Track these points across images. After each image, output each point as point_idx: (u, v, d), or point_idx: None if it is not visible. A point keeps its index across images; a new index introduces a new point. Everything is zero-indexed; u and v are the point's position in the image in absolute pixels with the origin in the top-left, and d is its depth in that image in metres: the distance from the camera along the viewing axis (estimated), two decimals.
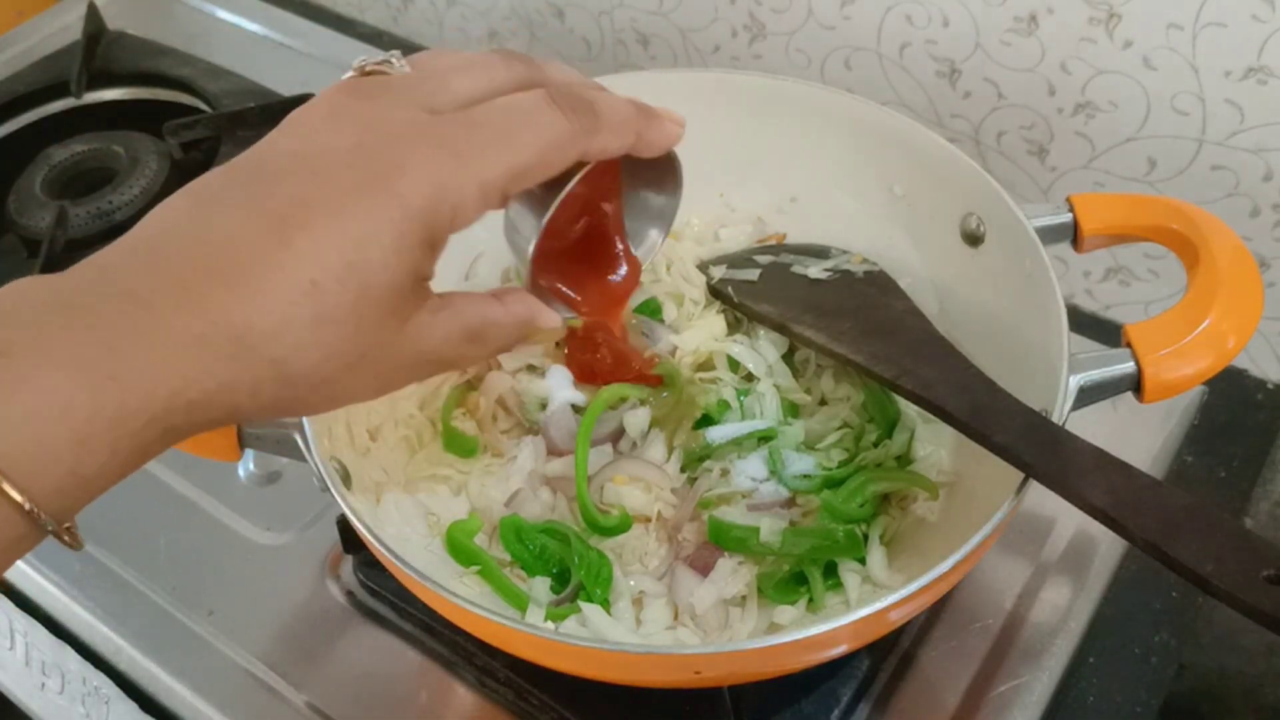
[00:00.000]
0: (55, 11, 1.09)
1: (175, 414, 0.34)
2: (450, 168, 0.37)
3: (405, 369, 0.41)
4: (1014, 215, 0.56)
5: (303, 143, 0.38)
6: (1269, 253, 0.73)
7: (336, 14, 1.10)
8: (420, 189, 0.37)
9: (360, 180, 0.36)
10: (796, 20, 0.82)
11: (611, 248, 0.53)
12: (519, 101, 0.40)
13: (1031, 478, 0.47)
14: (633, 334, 0.64)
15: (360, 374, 0.38)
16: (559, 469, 0.60)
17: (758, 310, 0.62)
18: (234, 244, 0.35)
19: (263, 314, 0.35)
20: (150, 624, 0.63)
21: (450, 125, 0.39)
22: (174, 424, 0.35)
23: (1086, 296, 0.82)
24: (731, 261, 0.66)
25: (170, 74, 0.97)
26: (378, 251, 0.36)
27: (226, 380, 0.35)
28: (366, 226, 0.36)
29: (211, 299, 0.34)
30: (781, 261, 0.65)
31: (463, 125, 0.39)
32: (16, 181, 0.87)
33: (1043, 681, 0.57)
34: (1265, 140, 0.68)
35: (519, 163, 0.39)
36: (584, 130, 0.41)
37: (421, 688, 0.59)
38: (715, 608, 0.55)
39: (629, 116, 0.43)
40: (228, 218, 0.36)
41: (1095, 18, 0.69)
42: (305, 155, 0.37)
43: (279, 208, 0.36)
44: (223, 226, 0.36)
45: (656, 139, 0.45)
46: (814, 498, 0.58)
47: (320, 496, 0.52)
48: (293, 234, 0.35)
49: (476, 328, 0.42)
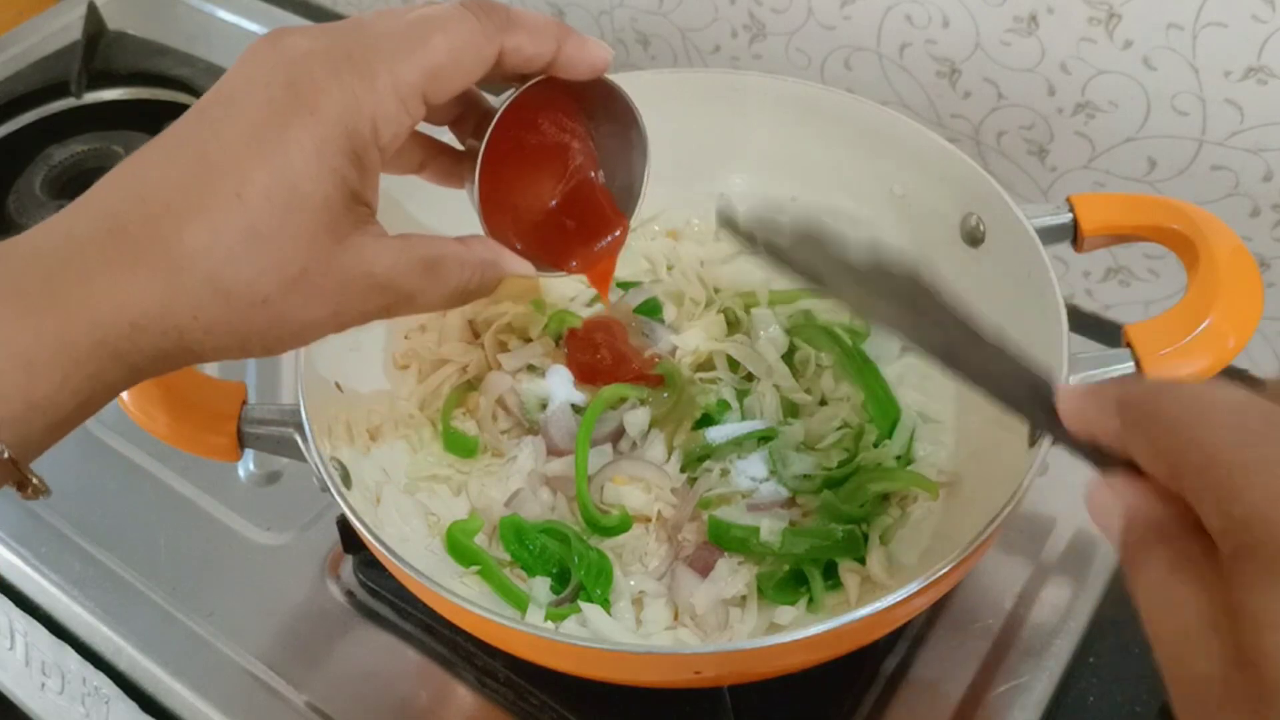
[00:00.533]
0: (55, 11, 1.09)
1: (120, 338, 0.36)
2: (361, 79, 0.38)
3: (356, 295, 0.40)
4: (1014, 215, 0.56)
5: (225, 86, 0.40)
6: (1269, 253, 0.73)
7: (336, 14, 1.10)
8: (335, 101, 0.38)
9: (277, 103, 0.38)
10: (796, 20, 0.82)
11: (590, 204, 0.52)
12: (430, 10, 0.41)
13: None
14: (632, 334, 0.64)
15: (303, 294, 0.39)
16: (559, 469, 0.60)
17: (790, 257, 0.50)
18: (166, 180, 0.37)
19: (194, 232, 0.36)
20: (150, 624, 0.63)
21: (361, 43, 0.39)
22: (121, 349, 0.36)
23: (1086, 296, 0.82)
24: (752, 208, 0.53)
25: (170, 74, 0.97)
26: (299, 161, 0.37)
27: (166, 300, 0.36)
28: (286, 141, 0.37)
29: (145, 228, 0.36)
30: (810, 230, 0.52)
31: (372, 39, 0.40)
32: (16, 181, 0.87)
33: (1043, 681, 0.57)
34: (1265, 140, 0.68)
35: (431, 63, 0.40)
36: (496, 27, 0.41)
37: (421, 688, 0.59)
38: (715, 608, 0.55)
39: (547, 23, 0.43)
40: (159, 162, 0.38)
41: (1095, 18, 0.69)
42: (226, 96, 0.39)
43: (204, 142, 0.38)
44: (154, 169, 0.38)
45: (578, 55, 0.44)
46: (814, 498, 0.58)
47: (320, 496, 0.52)
48: (217, 160, 0.37)
49: (431, 258, 0.42)
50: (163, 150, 0.38)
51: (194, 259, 0.36)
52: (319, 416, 0.53)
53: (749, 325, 0.65)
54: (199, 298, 0.37)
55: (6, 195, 0.86)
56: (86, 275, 0.35)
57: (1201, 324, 0.51)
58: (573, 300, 0.67)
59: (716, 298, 0.67)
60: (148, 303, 0.36)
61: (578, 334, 0.63)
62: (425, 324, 0.65)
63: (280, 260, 0.37)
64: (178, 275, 0.36)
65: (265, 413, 0.54)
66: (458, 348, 0.65)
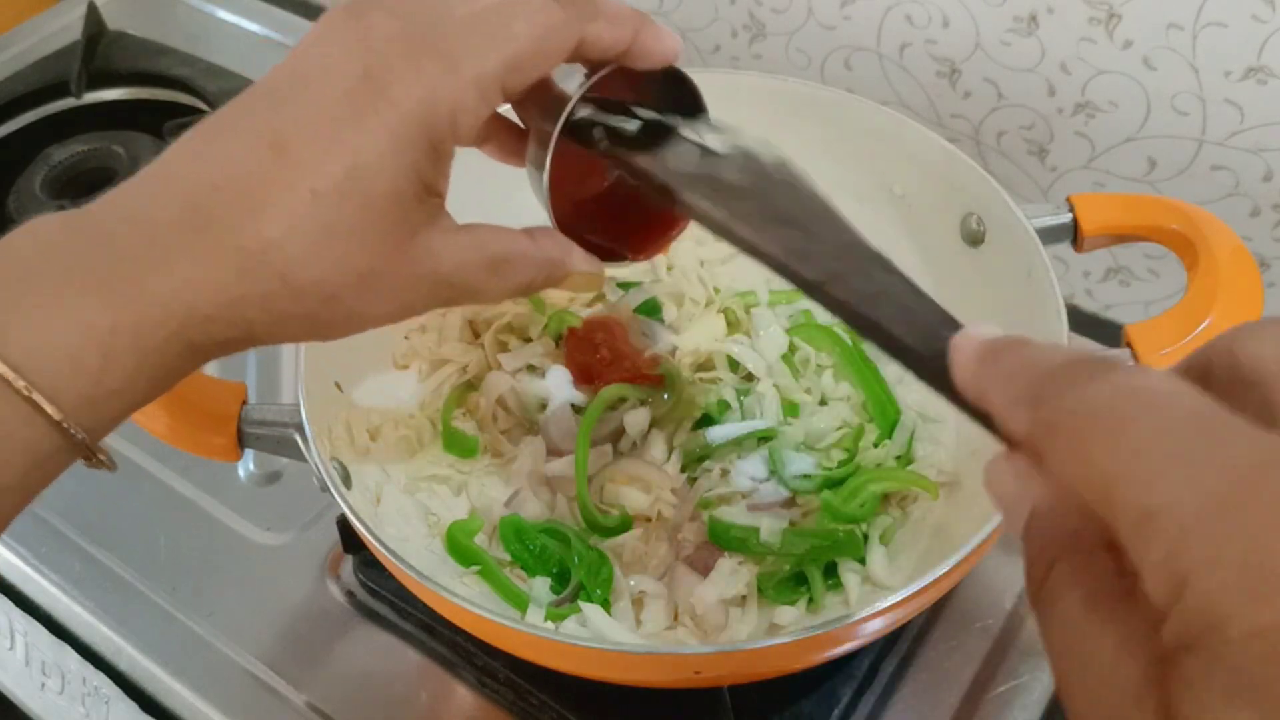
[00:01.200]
0: (55, 11, 1.09)
1: (192, 329, 0.36)
2: (442, 69, 0.37)
3: (422, 291, 0.40)
4: (1014, 215, 0.56)
5: (299, 64, 0.39)
6: (1269, 253, 0.73)
7: None
8: (413, 93, 0.37)
9: (353, 92, 0.37)
10: (796, 20, 0.82)
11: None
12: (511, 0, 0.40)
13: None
14: (632, 334, 0.64)
15: (373, 290, 0.38)
16: (559, 469, 0.60)
17: (635, 163, 0.47)
18: (238, 166, 0.36)
19: (268, 226, 0.36)
20: (150, 624, 0.63)
21: (441, 28, 0.38)
22: (193, 339, 0.36)
23: (1086, 296, 0.82)
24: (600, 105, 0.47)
25: (170, 74, 0.97)
26: (374, 157, 0.36)
27: (238, 294, 0.36)
28: (362, 135, 0.36)
29: (219, 217, 0.36)
30: (666, 123, 0.49)
31: (453, 26, 0.39)
32: (16, 181, 0.87)
33: (1043, 681, 0.57)
34: (1265, 140, 0.68)
35: (513, 52, 0.38)
36: (578, 15, 0.40)
37: (421, 688, 0.59)
38: (715, 608, 0.55)
39: (626, 11, 0.42)
40: (232, 143, 0.37)
41: (1095, 18, 0.69)
42: (302, 77, 0.38)
43: (278, 128, 0.37)
44: (227, 151, 0.37)
45: (653, 45, 0.44)
46: (814, 498, 0.57)
47: (320, 496, 0.52)
48: (292, 149, 0.36)
49: (499, 257, 0.42)
50: (235, 130, 0.38)
51: (267, 254, 0.36)
52: (319, 416, 0.53)
53: (749, 325, 0.65)
54: (270, 292, 0.36)
55: (6, 195, 0.86)
56: (164, 265, 0.35)
57: (1201, 324, 0.51)
58: (573, 300, 0.67)
59: (716, 298, 0.67)
60: (222, 296, 0.36)
61: (577, 334, 0.63)
62: (425, 324, 0.65)
63: (351, 258, 0.37)
64: (252, 269, 0.36)
65: (265, 413, 0.53)
66: (458, 348, 0.65)
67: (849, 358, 0.63)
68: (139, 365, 0.35)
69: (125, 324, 0.34)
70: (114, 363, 0.35)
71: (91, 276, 0.34)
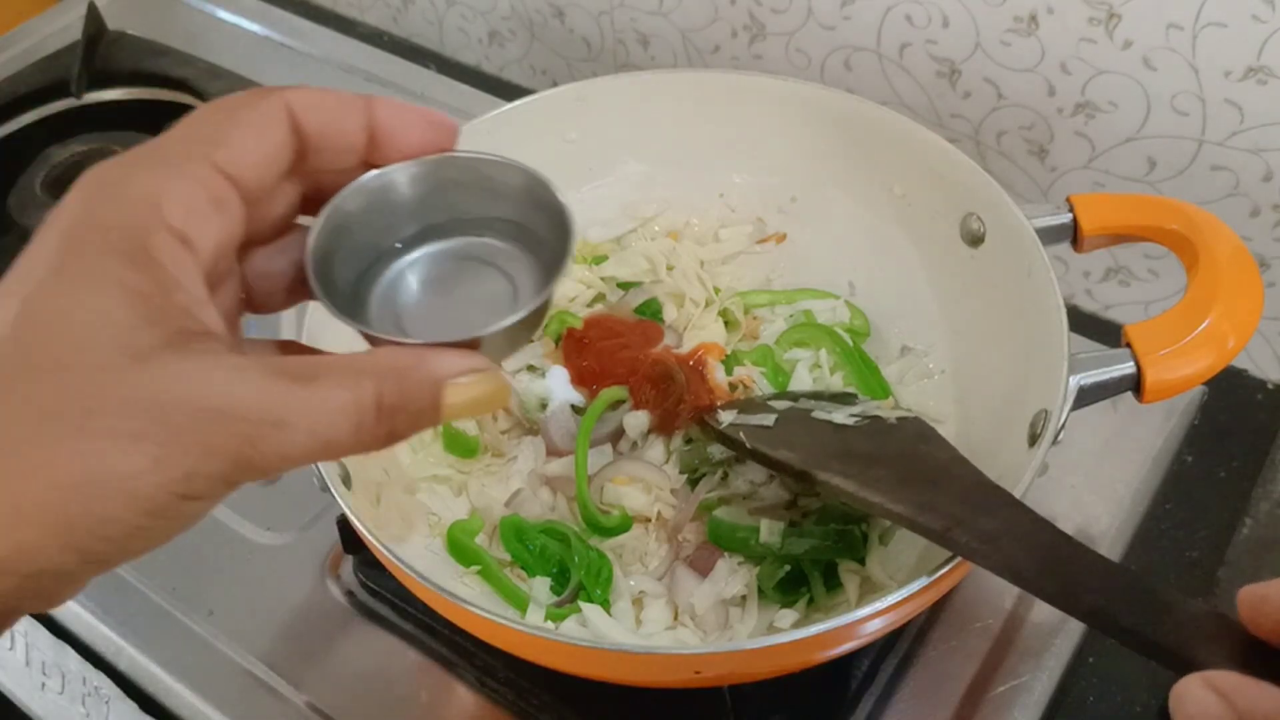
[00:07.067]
0: (55, 11, 1.09)
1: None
2: (123, 172, 0.32)
3: (185, 429, 0.29)
4: (1014, 215, 0.56)
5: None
6: (1269, 253, 0.73)
7: (336, 14, 1.10)
8: (80, 208, 0.33)
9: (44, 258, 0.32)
10: (796, 20, 0.82)
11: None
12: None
13: (1134, 649, 0.38)
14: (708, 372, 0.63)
15: (97, 437, 0.29)
16: (559, 469, 0.60)
17: (775, 456, 0.52)
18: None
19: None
20: (150, 624, 0.63)
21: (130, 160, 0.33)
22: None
23: (1086, 296, 0.82)
24: (743, 407, 0.58)
25: (170, 74, 0.97)
26: (38, 291, 0.31)
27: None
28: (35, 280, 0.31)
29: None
30: (801, 408, 0.57)
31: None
32: (17, 181, 0.87)
33: (1043, 681, 0.57)
34: (1265, 140, 0.68)
35: (211, 127, 0.33)
36: (280, 88, 0.34)
37: (421, 688, 0.59)
38: (715, 608, 0.55)
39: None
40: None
41: (1095, 18, 0.69)
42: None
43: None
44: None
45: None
46: (814, 498, 0.57)
47: (320, 496, 0.52)
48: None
49: (299, 370, 0.31)
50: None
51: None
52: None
53: (749, 325, 0.65)
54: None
55: (6, 195, 0.86)
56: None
57: (1201, 324, 0.51)
58: (573, 300, 0.67)
59: (716, 298, 0.67)
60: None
61: (577, 334, 0.63)
62: None
63: (48, 403, 0.28)
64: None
65: None
66: None
67: (849, 358, 0.63)
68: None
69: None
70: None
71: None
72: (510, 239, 0.38)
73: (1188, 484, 0.66)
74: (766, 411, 0.56)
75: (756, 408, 0.57)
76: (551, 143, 0.68)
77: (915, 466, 0.49)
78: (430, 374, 0.32)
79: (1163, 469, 0.66)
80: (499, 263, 0.38)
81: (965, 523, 0.43)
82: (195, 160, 0.32)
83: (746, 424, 0.56)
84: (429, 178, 0.37)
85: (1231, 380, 0.70)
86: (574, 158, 0.69)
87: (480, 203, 0.38)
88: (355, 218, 0.36)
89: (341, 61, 1.00)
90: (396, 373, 0.32)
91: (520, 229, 0.38)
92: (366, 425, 0.31)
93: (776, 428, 0.55)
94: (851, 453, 0.51)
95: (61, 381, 0.28)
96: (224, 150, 0.32)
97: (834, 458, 0.51)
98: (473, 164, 0.37)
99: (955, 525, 0.43)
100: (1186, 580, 0.62)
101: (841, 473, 0.49)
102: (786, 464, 0.52)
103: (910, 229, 0.65)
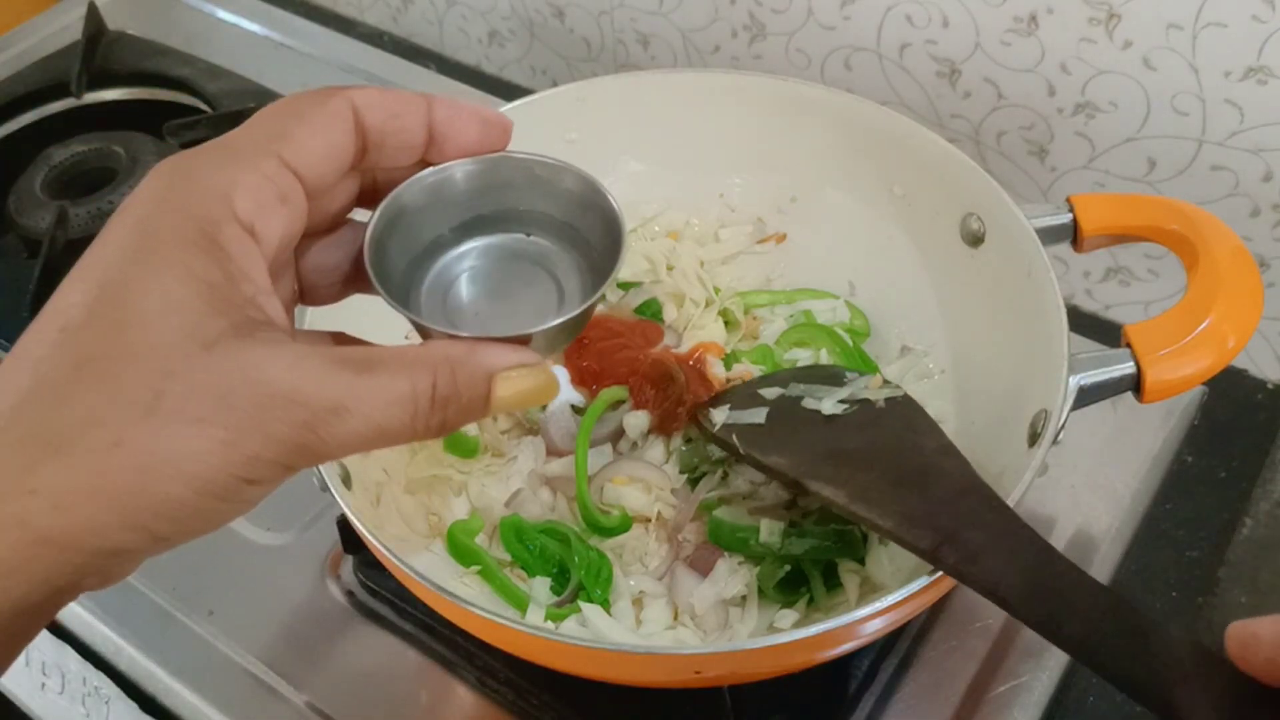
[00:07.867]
0: (55, 11, 1.09)
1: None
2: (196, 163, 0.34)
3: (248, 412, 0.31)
4: (1014, 215, 0.56)
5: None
6: (1269, 253, 0.73)
7: (336, 14, 1.10)
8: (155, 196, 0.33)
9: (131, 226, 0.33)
10: (796, 20, 0.82)
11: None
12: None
13: (1113, 684, 0.38)
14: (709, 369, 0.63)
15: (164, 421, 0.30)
16: (559, 469, 0.60)
17: (768, 463, 0.53)
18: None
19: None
20: (150, 624, 0.63)
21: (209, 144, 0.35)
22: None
23: (1086, 296, 0.82)
24: (735, 401, 0.57)
25: (170, 74, 0.97)
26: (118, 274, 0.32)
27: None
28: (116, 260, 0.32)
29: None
30: (790, 395, 0.57)
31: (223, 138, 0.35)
32: (17, 181, 0.87)
33: (1043, 681, 0.57)
34: (1265, 140, 0.68)
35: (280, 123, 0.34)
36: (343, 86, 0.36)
37: (421, 688, 0.59)
38: (715, 608, 0.55)
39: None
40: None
41: (1095, 18, 0.69)
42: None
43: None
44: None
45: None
46: (814, 499, 0.57)
47: (320, 496, 0.52)
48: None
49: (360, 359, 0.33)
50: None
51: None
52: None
53: (749, 325, 0.65)
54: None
55: (7, 195, 0.86)
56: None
57: (1201, 324, 0.51)
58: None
59: (716, 298, 0.67)
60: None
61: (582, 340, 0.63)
62: None
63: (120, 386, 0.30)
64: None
65: None
66: None
67: (849, 358, 0.63)
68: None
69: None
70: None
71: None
72: (557, 238, 0.40)
73: (1188, 484, 0.66)
74: (758, 404, 0.57)
75: (747, 400, 0.57)
76: (551, 143, 0.67)
77: (904, 462, 0.50)
78: (482, 366, 0.34)
79: (1163, 469, 0.66)
80: (545, 261, 0.40)
81: (953, 537, 0.44)
82: (264, 155, 0.33)
83: (739, 424, 0.56)
84: (484, 175, 0.39)
85: (1231, 380, 0.70)
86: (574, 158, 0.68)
87: (531, 201, 0.40)
88: (411, 211, 0.38)
89: (341, 61, 1.00)
90: (450, 364, 0.34)
91: (569, 229, 0.40)
92: (421, 414, 0.33)
93: (768, 425, 0.55)
94: (842, 452, 0.52)
95: (133, 365, 0.30)
96: (291, 146, 0.34)
97: (825, 460, 0.51)
98: (527, 164, 0.39)
99: (944, 541, 0.44)
100: (1186, 580, 0.62)
101: (832, 479, 0.50)
102: (779, 471, 0.53)
103: (910, 229, 0.65)
